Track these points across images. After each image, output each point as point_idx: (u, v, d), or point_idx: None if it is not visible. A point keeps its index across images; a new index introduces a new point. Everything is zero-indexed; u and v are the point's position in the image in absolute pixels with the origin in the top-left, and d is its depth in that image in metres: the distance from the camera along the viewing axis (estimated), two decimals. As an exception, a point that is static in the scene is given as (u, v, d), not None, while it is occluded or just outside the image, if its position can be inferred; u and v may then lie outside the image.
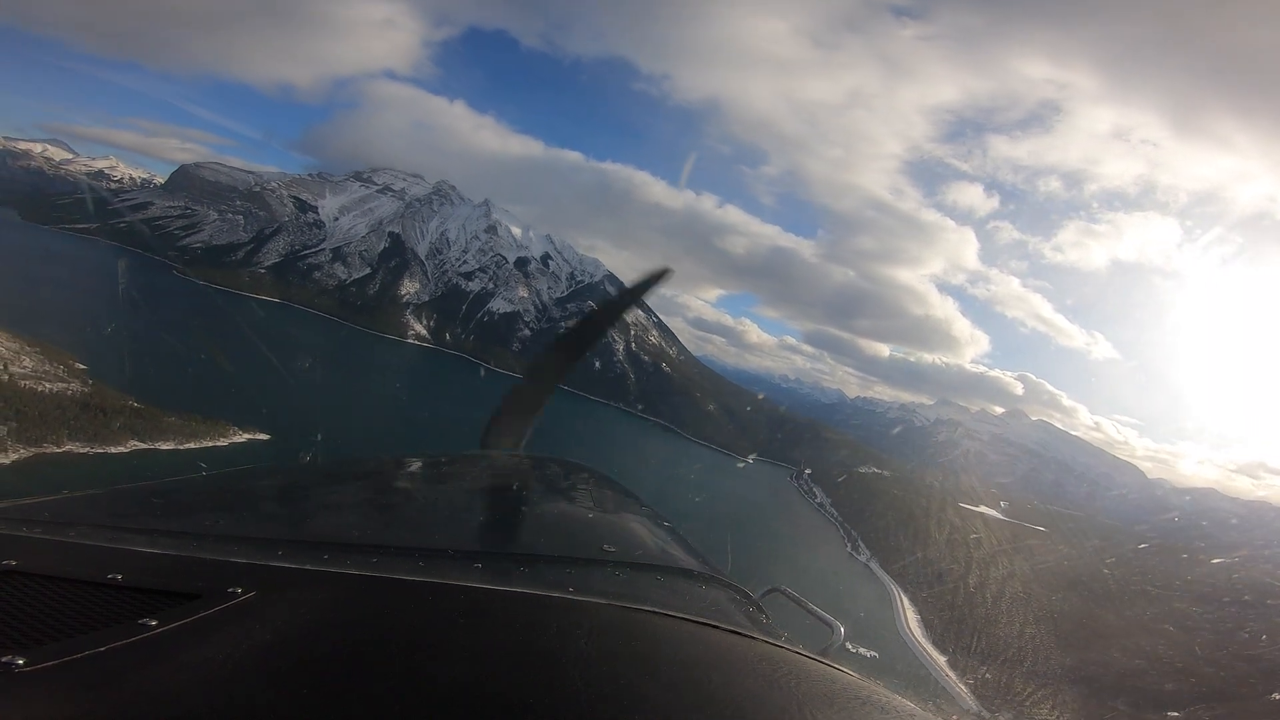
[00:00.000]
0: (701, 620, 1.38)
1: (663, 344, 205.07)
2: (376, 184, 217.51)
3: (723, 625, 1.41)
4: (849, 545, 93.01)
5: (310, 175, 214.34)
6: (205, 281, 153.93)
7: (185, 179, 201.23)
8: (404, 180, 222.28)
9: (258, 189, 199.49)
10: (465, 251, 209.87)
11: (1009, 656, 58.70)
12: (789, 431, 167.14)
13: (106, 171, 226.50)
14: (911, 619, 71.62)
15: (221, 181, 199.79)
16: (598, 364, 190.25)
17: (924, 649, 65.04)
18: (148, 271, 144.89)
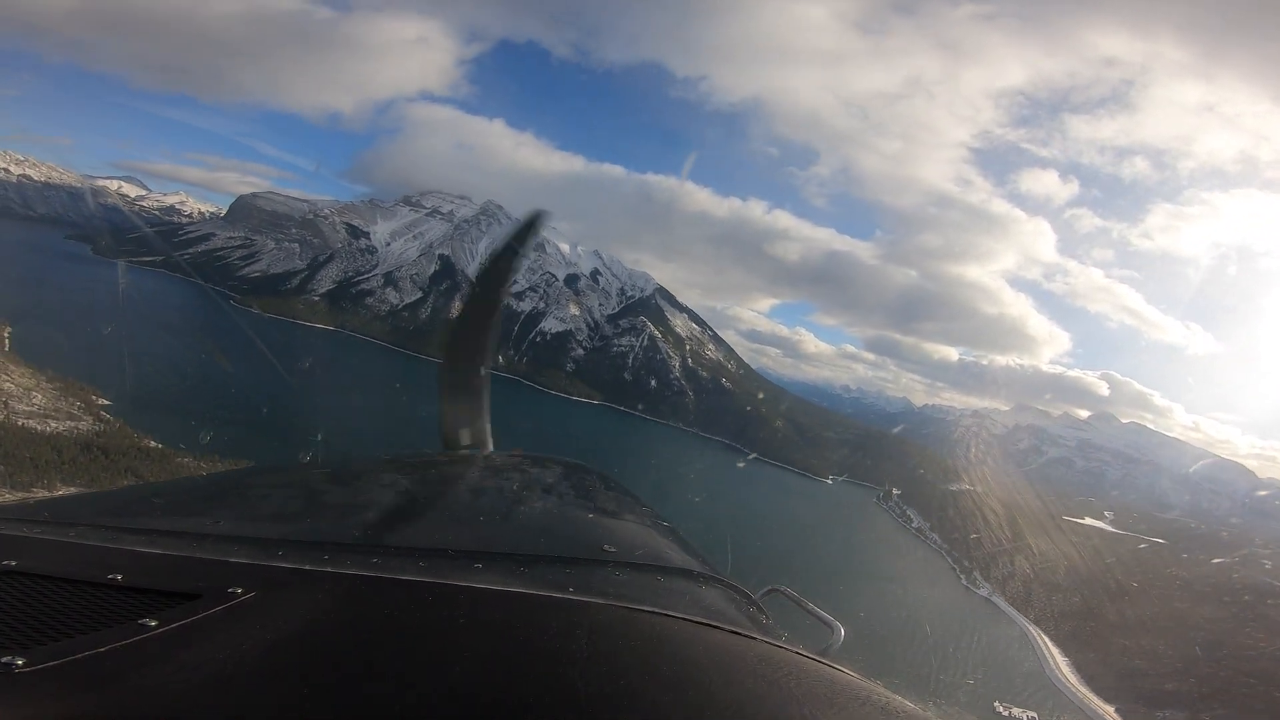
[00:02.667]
0: (702, 620, 1.37)
1: (720, 358, 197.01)
2: (425, 207, 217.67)
3: (723, 625, 1.39)
4: (962, 577, 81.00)
5: (361, 202, 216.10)
6: (259, 310, 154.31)
7: (244, 209, 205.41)
8: (452, 202, 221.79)
9: (311, 216, 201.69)
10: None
11: (1194, 695, 50.06)
12: (861, 446, 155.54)
13: (177, 206, 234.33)
14: (1061, 662, 60.99)
15: (278, 210, 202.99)
16: (654, 382, 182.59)
17: (1086, 698, 54.52)
18: (207, 302, 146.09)
